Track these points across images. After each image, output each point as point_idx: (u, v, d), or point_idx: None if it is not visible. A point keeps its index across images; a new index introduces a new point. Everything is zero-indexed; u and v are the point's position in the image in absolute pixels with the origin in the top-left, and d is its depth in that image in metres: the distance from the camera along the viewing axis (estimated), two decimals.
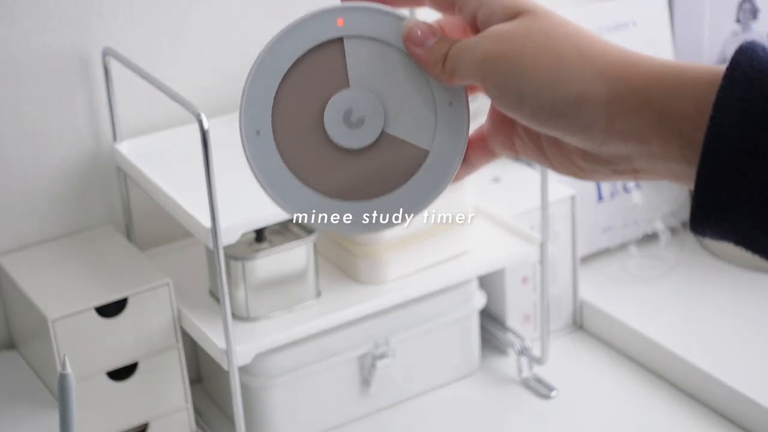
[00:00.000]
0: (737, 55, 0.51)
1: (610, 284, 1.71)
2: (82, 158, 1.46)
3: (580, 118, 0.53)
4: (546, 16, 0.57)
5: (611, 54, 0.55)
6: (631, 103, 0.53)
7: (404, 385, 1.53)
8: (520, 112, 0.55)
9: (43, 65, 1.40)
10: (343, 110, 0.59)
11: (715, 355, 1.54)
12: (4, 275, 1.41)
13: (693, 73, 0.52)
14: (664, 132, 0.52)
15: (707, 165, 0.50)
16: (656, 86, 0.52)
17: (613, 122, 0.53)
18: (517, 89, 0.54)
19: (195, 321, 1.37)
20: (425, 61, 0.59)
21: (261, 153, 0.60)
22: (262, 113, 0.59)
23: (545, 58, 0.54)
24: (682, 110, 0.51)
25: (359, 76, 0.59)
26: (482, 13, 0.57)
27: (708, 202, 0.50)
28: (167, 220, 1.50)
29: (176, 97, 1.26)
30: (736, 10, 1.82)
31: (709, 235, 0.52)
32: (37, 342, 1.36)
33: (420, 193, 0.60)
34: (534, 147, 0.59)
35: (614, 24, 1.72)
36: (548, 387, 1.56)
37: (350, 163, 0.59)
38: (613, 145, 0.54)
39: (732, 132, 0.49)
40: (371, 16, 0.59)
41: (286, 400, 1.45)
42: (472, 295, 1.55)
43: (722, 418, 1.50)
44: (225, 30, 1.50)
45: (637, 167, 0.55)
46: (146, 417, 1.39)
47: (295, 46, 0.60)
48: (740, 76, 0.50)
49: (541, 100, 0.54)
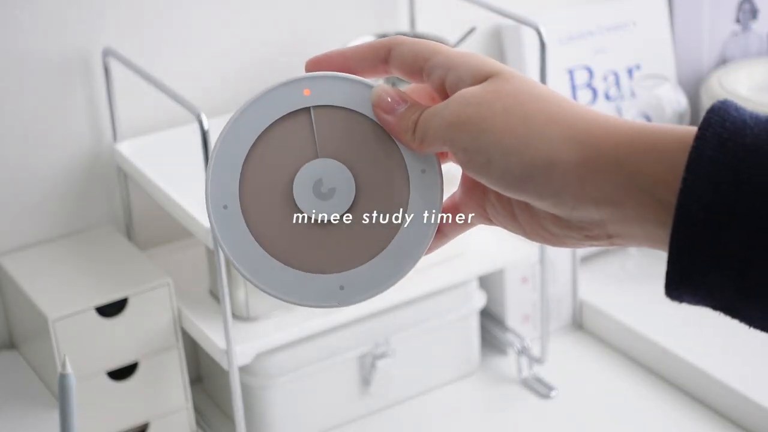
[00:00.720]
0: (709, 115, 0.49)
1: (609, 284, 1.71)
2: (82, 158, 1.46)
3: (550, 182, 0.52)
4: (514, 79, 0.55)
5: (581, 117, 0.53)
6: (601, 166, 0.51)
7: (404, 385, 1.54)
8: (488, 176, 0.54)
9: (43, 65, 1.40)
10: (312, 181, 0.57)
11: (714, 354, 1.54)
12: (4, 275, 1.41)
13: (664, 134, 0.51)
14: (638, 195, 0.50)
15: (681, 228, 0.48)
16: (627, 149, 0.51)
17: (583, 186, 0.52)
18: (484, 153, 0.53)
19: (195, 321, 1.37)
20: (395, 129, 0.57)
21: (229, 228, 0.58)
22: (228, 187, 0.58)
23: (513, 121, 0.53)
24: (654, 172, 0.50)
25: (328, 146, 0.58)
26: (450, 78, 0.56)
27: (683, 267, 0.49)
28: (167, 220, 1.50)
29: (176, 97, 1.26)
30: (736, 10, 1.82)
31: (686, 300, 0.50)
32: (37, 342, 1.37)
33: (394, 264, 0.58)
34: (506, 213, 0.58)
35: (614, 24, 1.72)
36: (548, 386, 1.56)
37: (322, 235, 0.58)
38: (584, 210, 0.52)
39: (705, 193, 0.47)
40: (338, 84, 0.58)
41: (286, 400, 1.45)
42: (472, 295, 1.55)
43: (722, 418, 1.50)
44: (225, 30, 1.50)
45: (611, 232, 0.53)
46: (146, 417, 1.39)
47: (261, 118, 0.58)
48: (712, 136, 0.48)
49: (509, 164, 0.53)
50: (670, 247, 0.49)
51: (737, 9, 1.82)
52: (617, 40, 1.72)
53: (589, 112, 0.53)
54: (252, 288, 1.37)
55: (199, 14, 1.48)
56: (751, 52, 1.84)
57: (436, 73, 0.57)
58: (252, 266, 0.58)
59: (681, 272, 0.49)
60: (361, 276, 0.58)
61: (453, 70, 0.56)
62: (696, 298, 0.50)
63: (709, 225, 0.48)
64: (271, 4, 1.52)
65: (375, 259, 0.58)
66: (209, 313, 1.39)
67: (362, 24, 1.59)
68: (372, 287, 0.59)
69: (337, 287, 0.58)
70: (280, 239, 0.58)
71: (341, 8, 1.57)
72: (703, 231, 0.48)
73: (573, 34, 1.69)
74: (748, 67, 1.78)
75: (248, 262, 0.58)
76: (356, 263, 0.58)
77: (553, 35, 1.65)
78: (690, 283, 0.49)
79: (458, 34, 1.54)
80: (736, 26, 1.82)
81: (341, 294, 0.58)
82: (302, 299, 0.58)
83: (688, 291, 0.50)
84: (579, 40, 1.69)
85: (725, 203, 0.47)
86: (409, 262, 0.59)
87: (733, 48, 1.83)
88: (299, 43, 1.55)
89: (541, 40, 1.39)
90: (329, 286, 0.58)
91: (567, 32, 1.68)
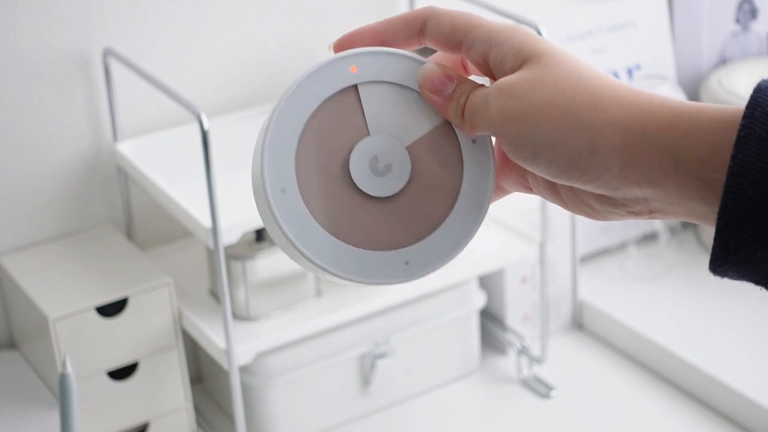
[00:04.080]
0: (756, 94, 0.50)
1: (609, 284, 1.71)
2: (82, 158, 1.46)
3: (595, 167, 0.53)
4: (555, 63, 0.55)
5: (625, 99, 0.54)
6: (644, 150, 0.52)
7: (404, 385, 1.54)
8: (536, 166, 0.55)
9: (43, 65, 1.40)
10: (368, 159, 0.58)
11: (714, 354, 1.54)
12: (4, 275, 1.41)
13: (708, 115, 0.51)
14: (681, 176, 0.51)
15: (730, 205, 0.49)
16: (671, 131, 0.52)
17: (627, 169, 0.52)
18: (530, 146, 0.54)
19: (195, 321, 1.37)
20: (444, 110, 0.58)
21: (290, 211, 0.57)
22: (285, 170, 0.57)
23: (555, 113, 0.53)
24: (700, 154, 0.50)
25: (379, 123, 0.58)
26: (494, 55, 0.56)
27: (731, 242, 0.49)
28: (167, 220, 1.50)
29: (176, 97, 1.26)
30: (736, 11, 1.82)
31: (731, 275, 0.51)
32: (37, 342, 1.37)
33: (454, 235, 0.59)
34: (547, 186, 0.59)
35: (614, 24, 1.72)
36: (547, 386, 1.56)
37: (382, 211, 0.58)
38: (628, 190, 0.53)
39: (754, 171, 0.48)
40: (384, 60, 0.59)
41: (286, 399, 1.45)
42: (472, 295, 1.55)
43: (722, 418, 1.50)
44: (225, 30, 1.50)
45: (653, 208, 0.54)
46: (146, 416, 1.39)
47: (309, 99, 0.58)
48: (760, 115, 0.49)
49: (555, 155, 0.54)
50: (719, 222, 0.49)
51: (737, 9, 1.82)
52: (617, 40, 1.72)
53: (631, 94, 0.54)
54: (252, 288, 1.37)
55: (199, 14, 1.48)
56: (751, 52, 1.84)
57: (478, 48, 0.57)
58: (317, 249, 0.57)
59: (728, 248, 0.50)
60: (424, 249, 0.58)
61: (496, 46, 0.56)
62: (740, 273, 0.51)
63: (757, 203, 0.48)
64: (271, 5, 1.52)
65: (436, 231, 0.58)
66: (209, 313, 1.39)
67: (362, 24, 1.58)
68: (437, 260, 0.58)
69: (402, 263, 0.58)
70: (341, 219, 0.58)
71: (341, 8, 1.57)
72: (751, 208, 0.48)
73: (573, 34, 1.69)
74: (748, 67, 1.78)
75: (313, 245, 0.57)
76: (418, 237, 0.58)
77: (553, 35, 1.65)
78: (736, 259, 0.50)
79: None
80: (735, 26, 1.82)
81: (407, 269, 0.58)
82: (370, 278, 0.58)
83: (733, 266, 0.50)
84: (579, 39, 1.69)
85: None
86: (469, 231, 0.59)
87: (732, 48, 1.83)
88: (299, 43, 1.55)
89: None
90: (394, 263, 0.58)
91: (567, 32, 1.68)
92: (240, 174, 1.36)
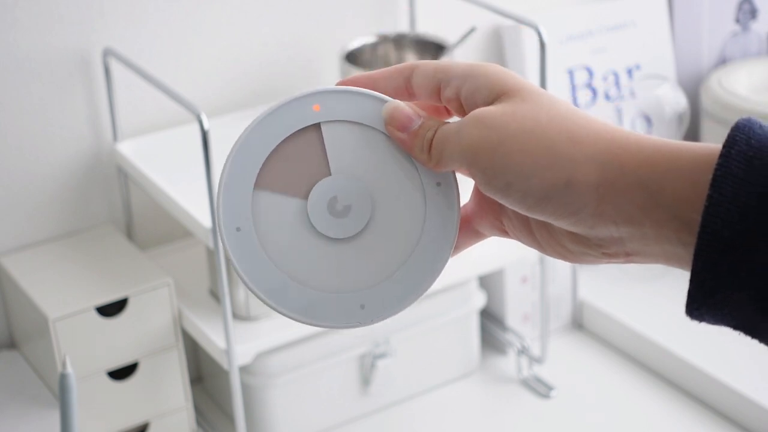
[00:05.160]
0: (734, 132, 0.48)
1: (609, 284, 1.71)
2: (82, 158, 1.46)
3: (570, 202, 0.52)
4: (532, 98, 0.54)
5: (602, 135, 0.52)
6: (621, 186, 0.51)
7: (404, 385, 1.54)
8: (508, 198, 0.53)
9: (43, 65, 1.40)
10: (327, 199, 0.56)
11: (714, 354, 1.54)
12: (4, 275, 1.41)
13: (686, 153, 0.50)
14: (658, 214, 0.50)
15: (705, 245, 0.47)
16: (648, 168, 0.50)
17: (603, 205, 0.51)
18: (503, 177, 0.53)
19: (195, 321, 1.37)
20: (409, 147, 0.56)
21: (244, 250, 0.56)
22: (241, 208, 0.56)
23: (532, 143, 0.52)
24: (677, 192, 0.49)
25: (341, 163, 0.57)
26: (467, 88, 0.55)
27: (707, 284, 0.48)
28: (167, 220, 1.50)
29: (176, 97, 1.26)
30: (736, 11, 1.82)
31: (707, 320, 0.49)
32: (37, 341, 1.37)
33: (414, 280, 0.57)
34: (522, 228, 0.57)
35: (614, 24, 1.72)
36: (547, 386, 1.56)
37: (339, 253, 0.57)
38: (603, 228, 0.52)
39: (730, 212, 0.47)
40: (348, 99, 0.57)
41: (286, 399, 1.45)
42: (472, 295, 1.55)
43: (722, 418, 1.50)
44: (225, 30, 1.50)
45: (629, 250, 0.53)
46: (146, 417, 1.39)
47: (269, 136, 0.57)
48: (737, 154, 0.47)
49: (530, 186, 0.52)
50: (694, 264, 0.48)
51: (737, 9, 1.82)
52: (617, 40, 1.72)
53: (608, 130, 0.53)
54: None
55: (199, 14, 1.48)
56: (751, 52, 1.84)
57: (454, 83, 0.56)
58: (269, 289, 0.56)
59: (704, 291, 0.48)
60: (381, 293, 0.57)
61: (471, 78, 0.55)
62: (717, 318, 0.49)
63: (734, 243, 0.47)
64: (271, 5, 1.52)
65: (394, 275, 0.57)
66: (209, 313, 1.39)
67: (362, 24, 1.59)
68: (393, 305, 0.57)
69: (357, 306, 0.57)
70: (297, 260, 0.57)
71: (341, 8, 1.57)
72: (727, 250, 0.47)
73: (573, 34, 1.69)
74: (748, 67, 1.78)
75: (265, 285, 0.56)
76: (376, 281, 0.57)
77: (553, 35, 1.65)
78: (713, 303, 0.48)
79: (458, 34, 1.54)
80: (735, 26, 1.82)
81: (362, 313, 0.57)
82: (324, 320, 0.57)
83: (709, 310, 0.49)
84: (579, 40, 1.69)
85: (751, 222, 0.47)
86: (429, 277, 0.58)
87: (732, 48, 1.83)
88: (299, 43, 1.55)
89: (541, 40, 1.39)
90: (350, 306, 0.57)
91: (567, 32, 1.68)
92: None
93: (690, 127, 1.75)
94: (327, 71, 1.58)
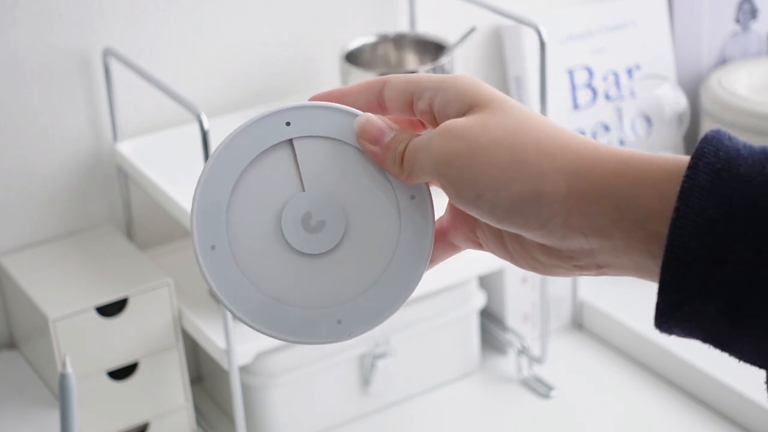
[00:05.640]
0: (702, 145, 0.48)
1: (609, 284, 1.71)
2: (82, 158, 1.46)
3: (538, 214, 0.52)
4: (503, 109, 0.54)
5: (571, 147, 0.52)
6: (590, 197, 0.50)
7: (404, 385, 1.54)
8: (478, 210, 0.53)
9: (43, 65, 1.40)
10: (300, 215, 0.56)
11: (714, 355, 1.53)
12: (4, 275, 1.41)
13: (655, 164, 0.50)
14: (627, 226, 0.50)
15: (673, 258, 0.47)
16: (617, 179, 0.50)
17: (572, 217, 0.51)
18: (473, 188, 0.52)
19: (195, 321, 1.37)
20: (381, 160, 0.56)
21: (219, 269, 0.56)
22: (215, 227, 0.56)
23: (501, 154, 0.52)
24: (645, 203, 0.49)
25: (314, 178, 0.56)
26: (439, 100, 0.55)
27: (674, 296, 0.48)
28: (167, 220, 1.50)
29: (176, 97, 1.26)
30: (736, 11, 1.82)
31: (676, 332, 0.50)
32: (37, 341, 1.37)
33: (390, 293, 0.57)
34: (495, 240, 0.57)
35: (614, 24, 1.72)
36: (547, 386, 1.56)
37: (314, 269, 0.57)
38: (574, 240, 0.52)
39: (698, 224, 0.47)
40: (319, 114, 0.57)
41: (286, 399, 1.45)
42: (472, 295, 1.55)
43: (722, 418, 1.50)
44: (225, 30, 1.50)
45: (600, 262, 0.53)
46: (146, 417, 1.39)
47: (242, 153, 0.57)
48: (705, 166, 0.47)
49: (498, 198, 0.52)
50: (661, 277, 0.48)
51: (737, 9, 1.82)
52: (617, 40, 1.72)
53: (580, 142, 0.52)
54: None
55: (199, 14, 1.48)
56: (751, 52, 1.84)
57: (426, 95, 0.56)
58: (245, 306, 0.56)
59: (672, 304, 0.48)
60: (358, 308, 0.57)
61: (442, 91, 0.55)
62: (686, 331, 0.49)
63: (701, 256, 0.47)
64: (271, 5, 1.52)
65: (371, 289, 0.57)
66: (209, 313, 1.39)
67: (362, 24, 1.59)
68: (370, 319, 0.57)
69: (334, 322, 0.57)
70: (272, 277, 0.56)
71: (341, 8, 1.57)
72: (694, 262, 0.47)
73: (573, 34, 1.69)
74: (748, 67, 1.78)
75: (241, 303, 0.56)
76: (352, 296, 0.57)
77: (553, 35, 1.65)
78: (681, 315, 0.48)
79: (458, 34, 1.54)
80: (735, 26, 1.82)
81: (339, 328, 0.57)
82: (301, 337, 0.56)
83: (678, 323, 0.49)
84: (579, 40, 1.69)
85: (719, 234, 0.46)
86: (405, 290, 0.58)
87: (732, 48, 1.83)
88: (299, 43, 1.55)
89: (541, 40, 1.39)
90: (326, 322, 0.57)
91: (567, 32, 1.68)
92: None
93: (690, 127, 1.75)
94: (327, 71, 1.58)
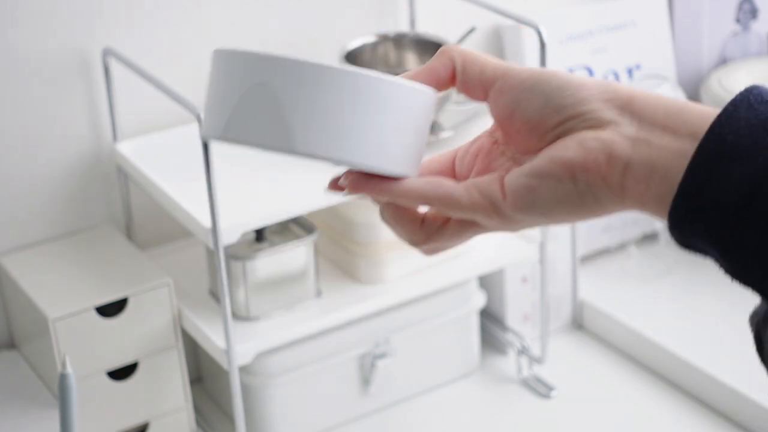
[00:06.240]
0: (741, 93, 0.54)
1: (609, 284, 1.71)
2: (82, 158, 1.46)
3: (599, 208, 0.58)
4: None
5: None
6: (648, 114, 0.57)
7: (404, 385, 1.54)
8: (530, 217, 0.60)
9: (43, 65, 1.40)
10: None
11: (714, 354, 1.54)
12: (4, 275, 1.41)
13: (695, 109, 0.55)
14: (676, 124, 0.55)
15: (707, 142, 0.52)
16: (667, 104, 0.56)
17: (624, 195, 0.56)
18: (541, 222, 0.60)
19: (195, 321, 1.37)
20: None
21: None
22: None
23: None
24: (694, 111, 0.55)
25: None
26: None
27: (699, 179, 0.52)
28: (167, 220, 1.50)
29: (176, 97, 1.26)
30: (736, 10, 1.82)
31: (686, 226, 0.53)
32: (37, 342, 1.37)
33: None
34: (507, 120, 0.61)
35: (614, 24, 1.72)
36: (548, 386, 1.56)
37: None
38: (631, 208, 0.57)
39: (738, 122, 0.52)
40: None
41: (286, 400, 1.45)
42: (472, 295, 1.55)
43: (722, 418, 1.50)
44: (225, 30, 1.50)
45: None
46: (146, 417, 1.39)
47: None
48: (744, 93, 0.53)
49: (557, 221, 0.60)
50: (693, 159, 0.52)
51: (737, 9, 1.82)
52: (617, 40, 1.72)
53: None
54: (252, 288, 1.37)
55: (198, 14, 1.48)
56: (751, 52, 1.84)
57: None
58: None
59: (695, 186, 0.52)
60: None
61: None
62: (695, 223, 0.53)
63: (735, 147, 0.51)
64: (271, 4, 1.52)
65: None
66: (209, 313, 1.39)
67: (362, 24, 1.59)
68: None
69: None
70: None
71: (341, 8, 1.57)
72: (726, 150, 0.51)
73: (573, 34, 1.69)
74: (748, 67, 1.78)
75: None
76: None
77: (553, 35, 1.65)
78: (696, 206, 0.52)
79: (458, 34, 1.54)
80: (736, 26, 1.82)
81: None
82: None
83: (692, 214, 0.52)
84: (579, 39, 1.69)
85: (756, 136, 0.51)
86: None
87: (733, 48, 1.83)
88: (299, 43, 1.55)
89: (541, 40, 1.39)
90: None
91: (567, 32, 1.68)
92: (240, 174, 1.36)
93: None
94: None
